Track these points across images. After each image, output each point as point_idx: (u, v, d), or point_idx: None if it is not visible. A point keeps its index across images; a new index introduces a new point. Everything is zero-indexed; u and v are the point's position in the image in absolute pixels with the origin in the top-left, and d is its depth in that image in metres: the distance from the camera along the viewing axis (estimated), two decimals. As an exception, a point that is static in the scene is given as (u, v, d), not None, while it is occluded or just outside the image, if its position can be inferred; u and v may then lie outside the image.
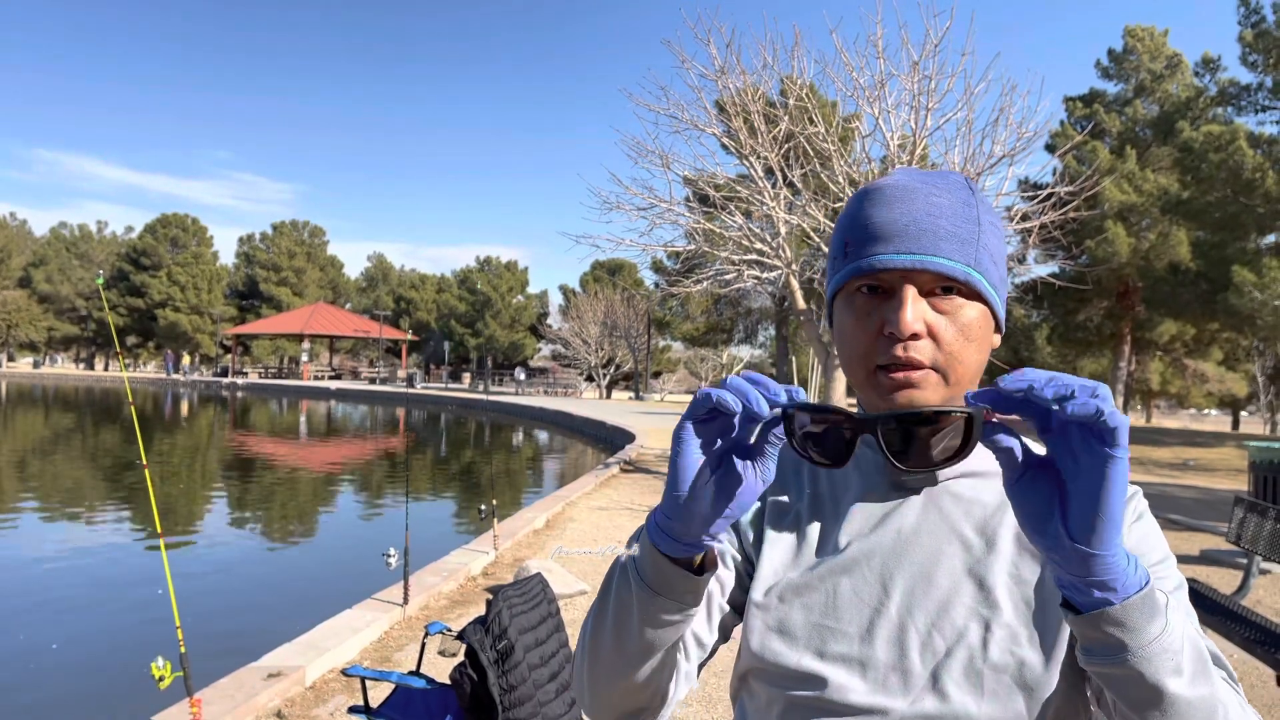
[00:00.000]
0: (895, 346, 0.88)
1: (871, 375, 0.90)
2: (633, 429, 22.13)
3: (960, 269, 0.88)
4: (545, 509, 9.97)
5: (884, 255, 0.89)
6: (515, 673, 2.79)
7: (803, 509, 1.00)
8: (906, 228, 0.89)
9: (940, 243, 0.88)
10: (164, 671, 3.06)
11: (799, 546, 0.98)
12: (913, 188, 0.91)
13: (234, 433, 26.49)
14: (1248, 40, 25.56)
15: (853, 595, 0.92)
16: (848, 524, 0.96)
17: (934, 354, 0.88)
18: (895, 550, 0.93)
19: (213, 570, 8.71)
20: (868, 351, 0.90)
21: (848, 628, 0.91)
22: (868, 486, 0.98)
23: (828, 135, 12.71)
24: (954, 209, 0.90)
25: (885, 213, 0.90)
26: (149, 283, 70.28)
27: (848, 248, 0.93)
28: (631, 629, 0.86)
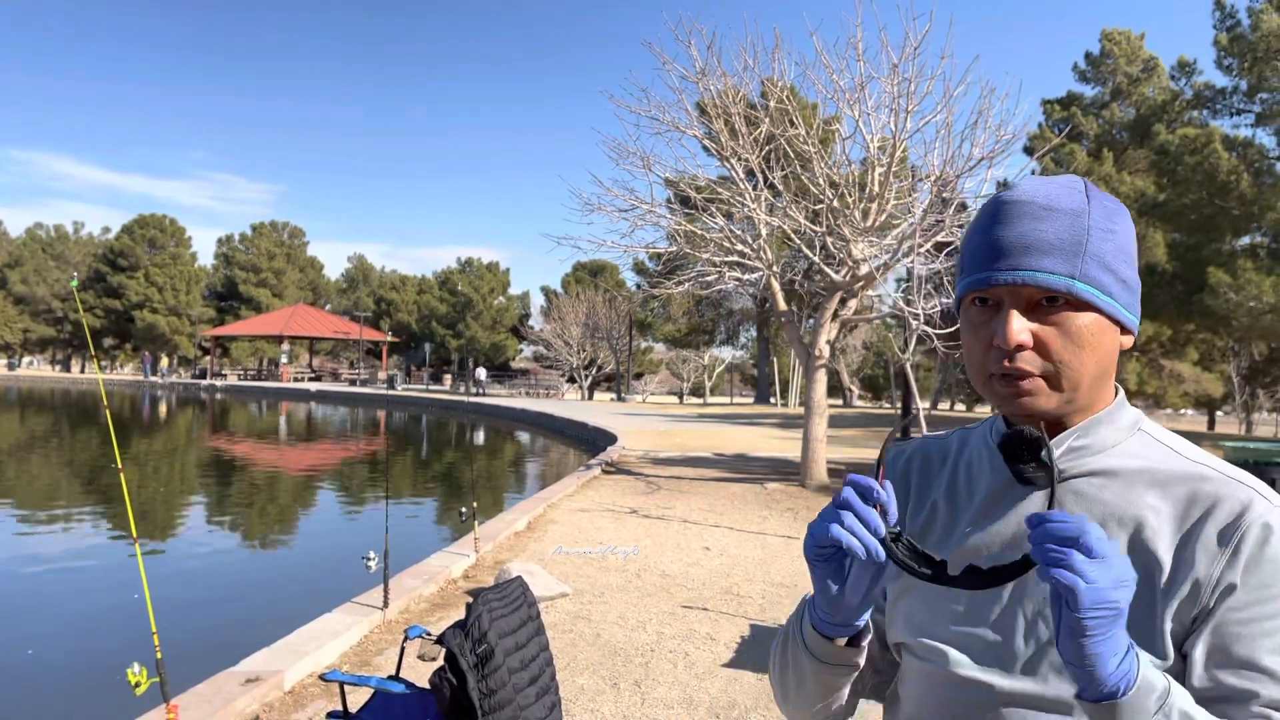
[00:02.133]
0: (1003, 358, 0.95)
1: (988, 383, 0.99)
2: (614, 430, 22.13)
3: (1062, 281, 0.94)
4: (526, 511, 9.95)
5: (989, 273, 0.96)
6: (495, 677, 2.78)
7: (939, 500, 1.10)
8: (1012, 245, 0.95)
9: (1043, 258, 0.94)
10: (140, 677, 3.03)
11: (934, 534, 1.09)
12: (1025, 203, 0.97)
13: (212, 435, 26.29)
14: (1223, 44, 25.84)
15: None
16: (975, 514, 1.05)
17: (1042, 363, 0.95)
18: (1014, 541, 1.00)
19: (190, 574, 8.63)
20: (982, 361, 0.99)
21: (963, 609, 1.01)
22: (996, 480, 1.05)
23: (808, 137, 12.75)
24: (1061, 221, 0.95)
25: (996, 230, 0.97)
26: (126, 284, 69.58)
27: (965, 262, 1.01)
28: (808, 683, 1.07)
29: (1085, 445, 1.00)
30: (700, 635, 5.66)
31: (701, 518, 10.19)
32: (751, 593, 6.83)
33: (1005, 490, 1.03)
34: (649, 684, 4.76)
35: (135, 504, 11.45)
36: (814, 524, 0.92)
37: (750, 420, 30.78)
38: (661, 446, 18.95)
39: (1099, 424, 1.00)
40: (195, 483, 16.14)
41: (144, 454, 19.63)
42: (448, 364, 64.42)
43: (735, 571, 7.54)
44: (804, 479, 13.11)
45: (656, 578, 7.23)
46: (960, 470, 1.11)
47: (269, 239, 75.64)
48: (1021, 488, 1.01)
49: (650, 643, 5.48)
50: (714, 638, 5.61)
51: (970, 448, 1.12)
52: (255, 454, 20.93)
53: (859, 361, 49.10)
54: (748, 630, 5.78)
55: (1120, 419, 1.01)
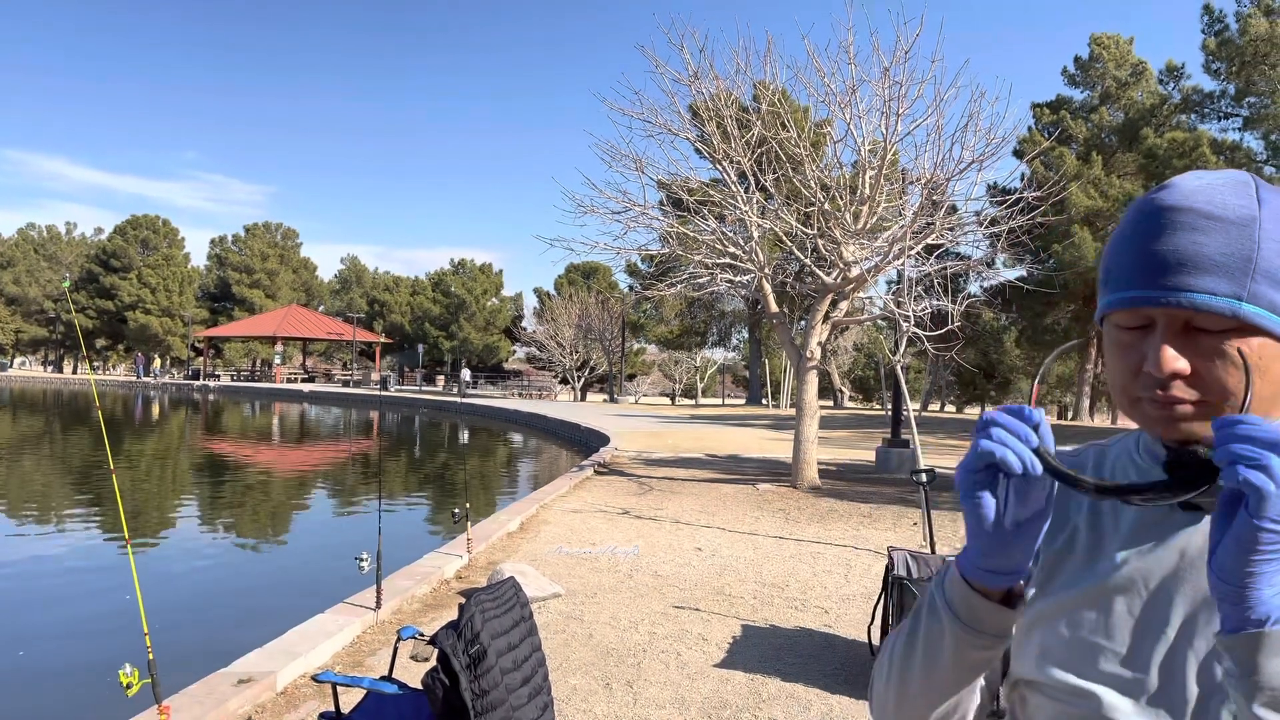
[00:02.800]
0: (1155, 386, 0.84)
1: (1135, 405, 0.88)
2: (607, 431, 22.15)
3: (1226, 304, 0.82)
4: (519, 512, 9.97)
5: (1140, 292, 0.85)
6: (487, 677, 2.81)
7: (1080, 522, 0.97)
8: (1167, 260, 0.84)
9: (1204, 278, 0.82)
10: (132, 679, 3.05)
11: (1074, 560, 0.95)
12: (1184, 210, 0.85)
13: (205, 436, 26.23)
14: (1211, 48, 26.00)
15: (1127, 615, 0.89)
16: (1126, 541, 0.92)
17: (1200, 391, 0.83)
18: (1178, 573, 0.88)
19: (182, 575, 8.63)
20: (1127, 385, 0.88)
21: (1119, 648, 0.88)
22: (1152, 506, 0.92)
23: (800, 140, 12.80)
24: (1227, 233, 0.83)
25: (1149, 240, 0.85)
26: (119, 285, 69.33)
27: (1110, 274, 0.89)
28: (943, 662, 0.90)
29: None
30: (692, 635, 5.69)
31: (693, 518, 10.22)
32: (743, 593, 6.86)
33: (1162, 514, 0.91)
34: (641, 684, 4.79)
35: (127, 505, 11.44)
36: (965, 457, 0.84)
37: (742, 421, 30.83)
38: (654, 447, 18.97)
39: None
40: (187, 484, 16.12)
41: (136, 455, 19.59)
42: (441, 365, 64.36)
43: (727, 572, 7.58)
44: (795, 480, 13.15)
45: (649, 578, 7.26)
46: None
47: (262, 240, 75.45)
48: (1182, 514, 0.90)
49: (642, 643, 5.51)
50: (706, 638, 5.64)
51: (1112, 466, 1.00)
52: (248, 455, 20.89)
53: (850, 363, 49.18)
54: (739, 630, 5.81)
55: None
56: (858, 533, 9.61)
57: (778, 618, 6.16)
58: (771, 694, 4.68)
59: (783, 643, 5.56)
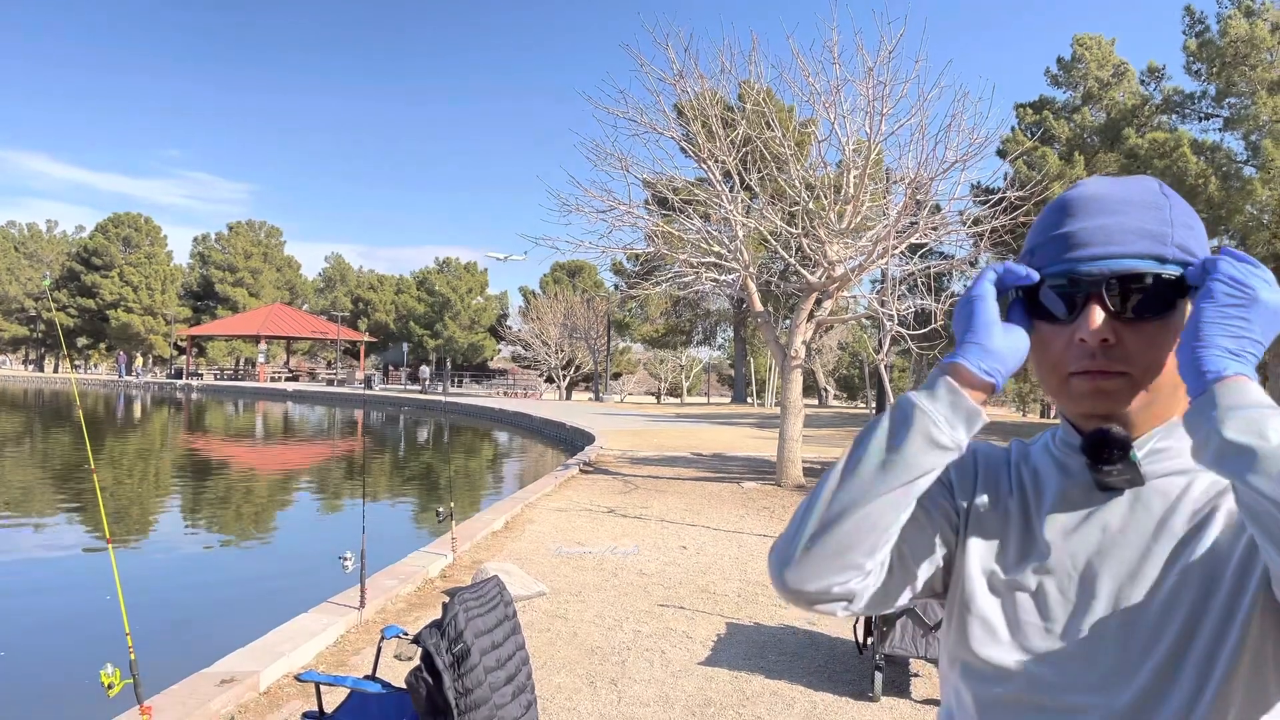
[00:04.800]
0: (1087, 355, 0.90)
1: (1064, 383, 0.92)
2: (592, 430, 22.14)
3: (1149, 264, 0.89)
4: (504, 511, 9.96)
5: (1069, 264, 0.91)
6: (471, 676, 2.81)
7: (1010, 506, 1.01)
8: (1092, 235, 0.91)
9: (1126, 245, 0.90)
10: (113, 679, 3.03)
11: (1004, 544, 0.99)
12: (1100, 197, 0.93)
13: (188, 435, 26.07)
14: (1192, 50, 26.21)
15: (1059, 594, 0.93)
16: (1052, 523, 0.96)
17: (1127, 361, 0.90)
18: (1101, 549, 0.92)
19: (164, 575, 8.58)
20: (1058, 360, 0.93)
21: (1054, 627, 0.92)
22: (1071, 486, 0.97)
23: (784, 140, 12.84)
24: (1143, 213, 0.91)
25: (1070, 222, 0.93)
26: (100, 283, 68.75)
27: (1034, 256, 0.95)
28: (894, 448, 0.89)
29: (1168, 447, 0.93)
30: (677, 633, 5.70)
31: (679, 517, 10.24)
32: (728, 591, 6.88)
33: (1081, 497, 0.96)
34: (625, 682, 4.80)
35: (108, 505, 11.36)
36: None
37: (727, 420, 30.87)
38: (639, 446, 18.98)
39: (1180, 427, 0.92)
40: (170, 483, 16.02)
41: (118, 455, 19.45)
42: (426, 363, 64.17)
43: (712, 570, 7.60)
44: (780, 478, 13.19)
45: (634, 576, 7.27)
46: (1025, 479, 1.02)
47: (245, 238, 74.98)
48: (1099, 494, 0.95)
49: (627, 641, 5.52)
50: (690, 636, 5.65)
51: (1035, 459, 1.04)
52: (231, 454, 20.77)
53: (834, 362, 49.33)
54: (724, 628, 5.83)
55: None
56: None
57: (762, 615, 6.18)
58: (755, 691, 4.69)
59: (766, 640, 5.58)
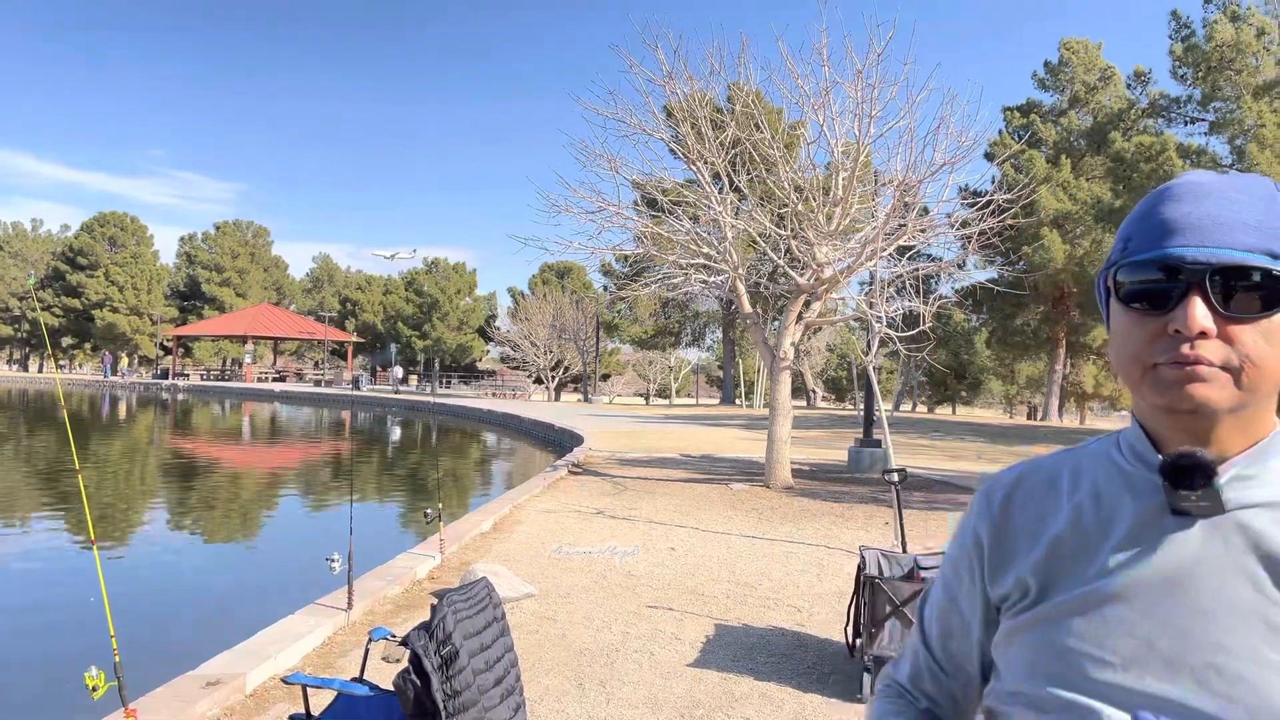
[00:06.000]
0: (1180, 344, 0.81)
1: (1147, 374, 0.84)
2: (581, 431, 22.12)
3: (1259, 258, 0.80)
4: (492, 512, 9.94)
5: (1167, 250, 0.83)
6: (459, 678, 2.80)
7: (1068, 528, 0.93)
8: (1196, 220, 0.82)
9: (1234, 234, 0.81)
10: (98, 681, 3.01)
11: (1062, 568, 0.91)
12: (1206, 184, 0.85)
13: (173, 436, 25.92)
14: (1178, 54, 26.40)
15: (1120, 625, 0.85)
16: (1117, 549, 0.88)
17: (1226, 355, 0.81)
18: (1170, 583, 0.84)
19: (150, 577, 8.53)
20: (1143, 351, 0.84)
21: (1111, 658, 0.84)
22: (1142, 509, 0.88)
23: (773, 142, 12.85)
24: (1252, 202, 0.83)
25: (1172, 208, 0.85)
26: (86, 283, 68.34)
27: (1130, 243, 0.87)
28: None
29: (1254, 475, 0.85)
30: (665, 635, 5.70)
31: (667, 518, 10.24)
32: (716, 592, 6.88)
33: (1152, 520, 0.87)
34: (614, 684, 4.79)
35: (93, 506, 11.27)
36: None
37: (716, 421, 30.90)
38: (628, 447, 18.98)
39: (1270, 451, 0.85)
40: (155, 484, 15.92)
41: (103, 455, 19.32)
42: (414, 364, 64.01)
43: (700, 571, 7.59)
44: (769, 479, 13.20)
45: (622, 578, 7.26)
46: (1084, 497, 0.93)
47: (232, 238, 74.66)
48: (1173, 520, 0.86)
49: (615, 643, 5.51)
50: (679, 637, 5.65)
51: (1093, 469, 0.95)
52: (217, 455, 20.67)
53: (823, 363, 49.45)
54: (712, 630, 5.82)
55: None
56: (830, 532, 9.66)
57: (751, 617, 6.18)
58: (744, 693, 4.69)
59: (755, 642, 5.58)
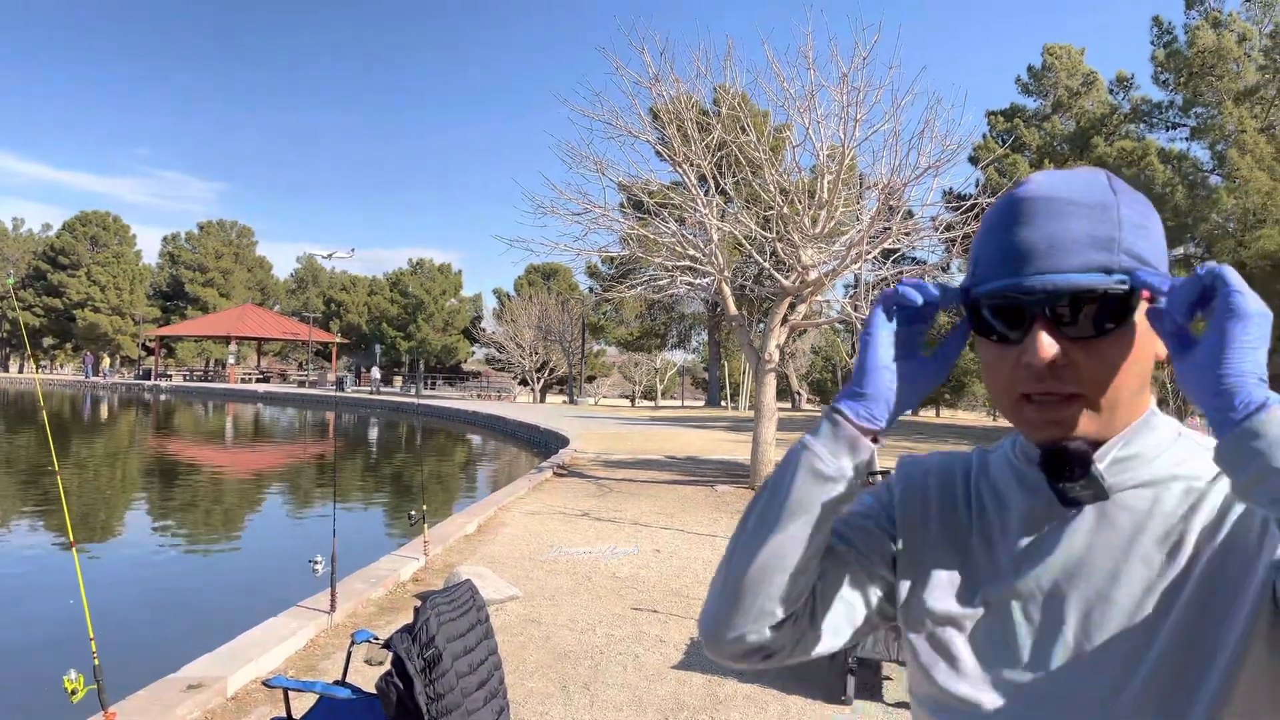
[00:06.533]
0: (1034, 378, 0.83)
1: (1016, 406, 0.86)
2: (566, 433, 22.09)
3: (1096, 279, 0.82)
4: (477, 514, 9.91)
5: (1012, 280, 0.84)
6: (442, 681, 2.79)
7: (968, 525, 0.95)
8: (1035, 246, 0.84)
9: (1071, 258, 0.83)
10: (77, 685, 2.99)
11: (961, 568, 0.93)
12: (1045, 199, 0.85)
13: (155, 437, 25.73)
14: (1160, 60, 26.63)
15: (1025, 620, 0.88)
16: (1013, 544, 0.90)
17: (1080, 378, 0.83)
18: (1067, 571, 0.87)
19: (130, 579, 8.46)
20: (1009, 380, 0.86)
21: (1022, 655, 0.86)
22: (1034, 502, 0.91)
23: (759, 144, 12.88)
24: (1086, 214, 0.84)
25: (1014, 230, 0.86)
26: (67, 282, 67.76)
27: (980, 269, 0.89)
28: (783, 488, 0.88)
29: (1132, 455, 0.88)
30: (650, 637, 5.70)
31: (652, 520, 10.24)
32: (701, 594, 6.88)
33: (1044, 513, 0.90)
34: (598, 686, 4.79)
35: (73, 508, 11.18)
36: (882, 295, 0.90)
37: (701, 423, 30.92)
38: (613, 449, 18.97)
39: (1142, 431, 0.88)
40: (137, 486, 15.80)
41: (83, 456, 19.16)
42: (399, 366, 63.79)
43: (685, 573, 7.60)
44: (754, 481, 13.22)
45: (607, 580, 7.25)
46: (985, 494, 0.96)
47: (216, 238, 74.20)
48: (1062, 509, 0.88)
49: (600, 645, 5.50)
50: (664, 640, 5.65)
51: (993, 470, 0.98)
52: (200, 456, 20.53)
53: (808, 366, 49.57)
54: (697, 632, 5.82)
55: (1160, 425, 0.90)
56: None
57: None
58: (728, 695, 4.69)
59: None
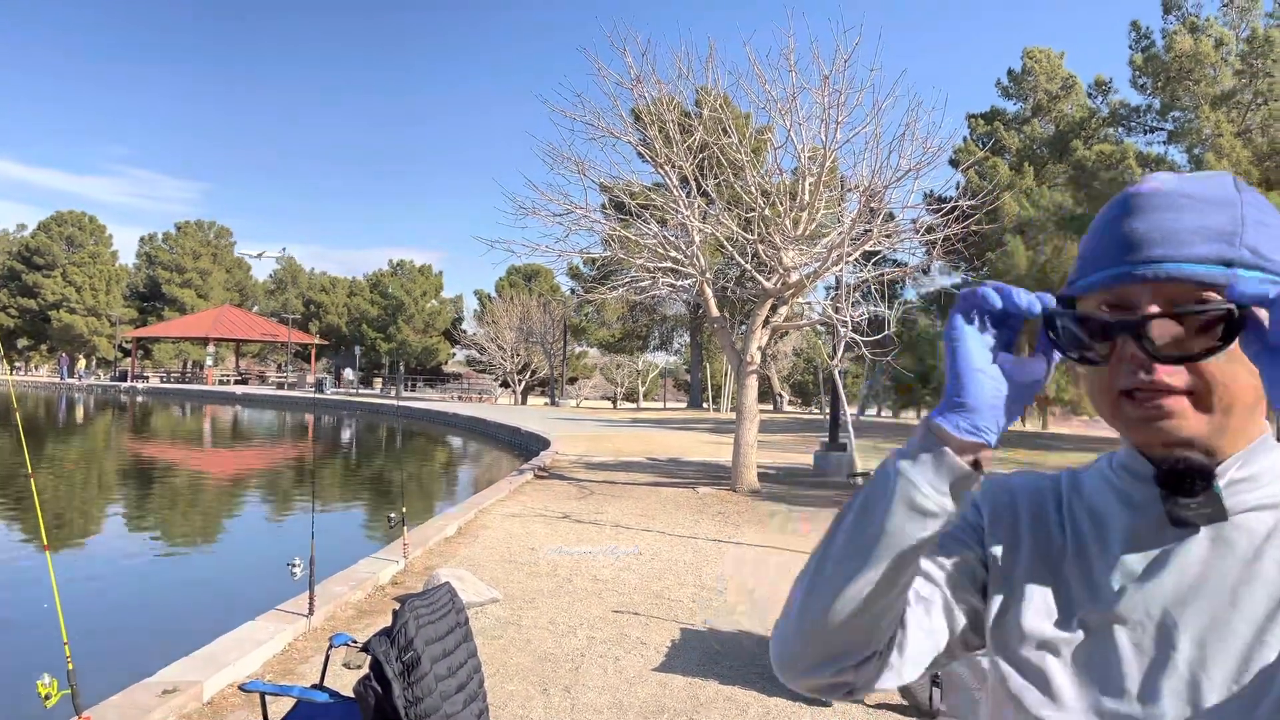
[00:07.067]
0: (1138, 370, 0.78)
1: (1115, 404, 0.80)
2: (547, 435, 22.05)
3: (1217, 271, 0.76)
4: (457, 517, 9.87)
5: (1123, 268, 0.80)
6: (421, 684, 2.76)
7: (1064, 549, 0.89)
8: (1150, 235, 0.79)
9: (1190, 248, 0.77)
10: (50, 689, 2.94)
11: (1057, 591, 0.87)
12: (1163, 193, 0.81)
13: (131, 439, 25.48)
14: (1138, 64, 26.89)
15: (1131, 647, 0.81)
16: (1118, 566, 0.84)
17: (1189, 379, 0.77)
18: (1179, 596, 0.80)
19: (105, 583, 8.37)
20: (1110, 380, 0.80)
21: (1127, 684, 0.80)
22: (1139, 522, 0.85)
23: (741, 146, 12.90)
24: (1210, 211, 0.79)
25: (1127, 222, 0.81)
26: (42, 283, 67.03)
27: (1085, 261, 0.84)
28: (875, 520, 0.79)
29: (1249, 476, 0.81)
30: (631, 639, 5.68)
31: (634, 522, 10.22)
32: (682, 596, 6.88)
33: (1151, 534, 0.83)
34: (579, 689, 4.77)
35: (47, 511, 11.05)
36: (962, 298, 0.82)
37: (683, 425, 30.95)
38: (594, 451, 18.94)
39: (1260, 453, 0.82)
40: (112, 489, 15.63)
41: (58, 459, 18.94)
42: (379, 368, 63.49)
43: (666, 575, 7.59)
44: (735, 483, 13.23)
45: (588, 582, 7.23)
46: (1080, 515, 0.90)
47: (194, 238, 73.57)
48: (1171, 530, 0.82)
49: (580, 648, 5.49)
50: (645, 642, 5.63)
51: (1087, 490, 0.92)
52: (177, 458, 20.35)
53: (789, 368, 49.73)
54: (678, 634, 5.82)
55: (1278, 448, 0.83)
56: (796, 535, 9.70)
57: (716, 620, 6.18)
58: (709, 697, 4.69)
59: (721, 646, 5.58)
